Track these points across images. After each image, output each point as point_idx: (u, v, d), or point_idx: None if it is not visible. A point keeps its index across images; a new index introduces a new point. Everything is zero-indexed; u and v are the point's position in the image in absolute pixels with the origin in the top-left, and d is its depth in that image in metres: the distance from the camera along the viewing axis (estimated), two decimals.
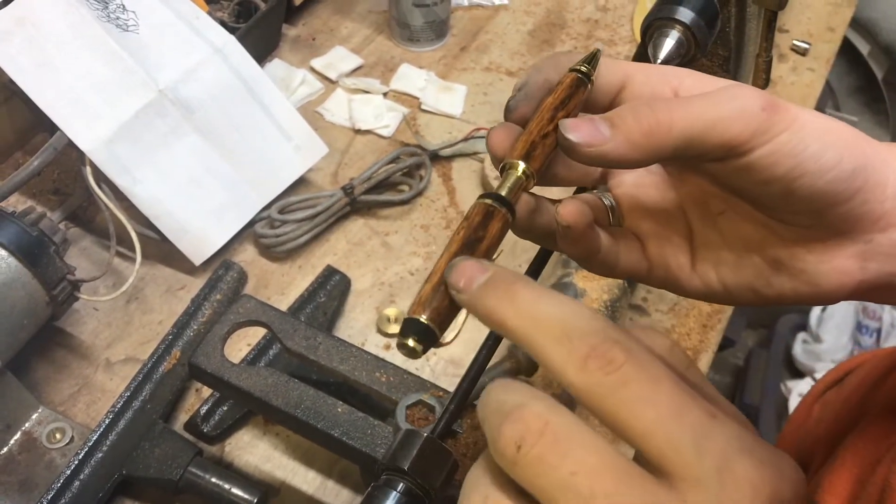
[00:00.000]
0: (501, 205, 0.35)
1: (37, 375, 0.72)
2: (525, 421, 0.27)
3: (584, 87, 0.39)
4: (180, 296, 0.78)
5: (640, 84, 0.39)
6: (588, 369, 0.27)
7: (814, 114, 0.36)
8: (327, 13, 1.09)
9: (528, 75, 0.40)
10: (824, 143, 0.35)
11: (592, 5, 1.12)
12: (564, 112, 0.37)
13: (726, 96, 0.35)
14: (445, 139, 0.93)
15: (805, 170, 0.35)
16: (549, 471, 0.27)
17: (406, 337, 0.32)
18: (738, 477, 0.26)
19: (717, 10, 0.58)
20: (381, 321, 0.77)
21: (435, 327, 0.32)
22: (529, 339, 0.29)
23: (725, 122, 0.34)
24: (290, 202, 0.82)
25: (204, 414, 0.68)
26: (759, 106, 0.34)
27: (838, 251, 0.38)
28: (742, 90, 0.35)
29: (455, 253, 0.34)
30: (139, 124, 0.76)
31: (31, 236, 0.65)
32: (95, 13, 0.77)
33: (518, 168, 0.37)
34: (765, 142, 0.34)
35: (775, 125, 0.34)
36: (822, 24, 1.11)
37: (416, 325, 0.32)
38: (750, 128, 0.34)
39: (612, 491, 0.26)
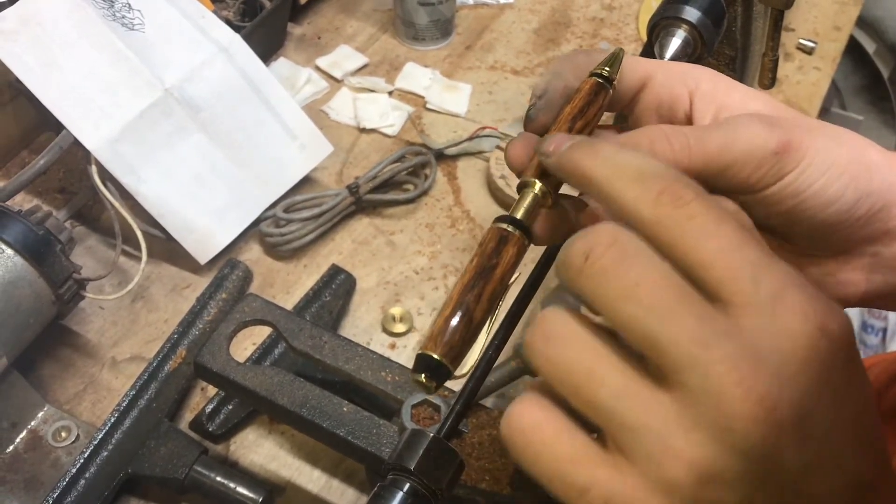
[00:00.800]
0: (516, 228, 0.34)
1: (42, 374, 0.72)
2: (595, 233, 0.29)
3: (605, 93, 0.38)
4: (186, 294, 0.78)
5: (660, 85, 0.40)
6: (660, 202, 0.28)
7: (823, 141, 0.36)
8: (332, 12, 1.09)
9: (546, 81, 0.39)
10: (828, 178, 0.36)
11: (598, 4, 1.12)
12: (584, 121, 0.37)
13: (743, 135, 0.35)
14: (450, 138, 0.93)
15: (808, 205, 0.36)
16: (613, 280, 0.28)
17: (419, 373, 0.32)
18: (790, 306, 0.27)
19: (723, 10, 0.58)
20: (386, 320, 0.77)
21: (448, 363, 0.32)
22: (610, 182, 0.30)
23: (739, 164, 0.35)
24: (295, 201, 0.82)
25: (209, 413, 0.68)
26: (773, 149, 0.35)
27: (844, 265, 0.39)
28: (758, 128, 0.35)
29: (468, 283, 0.33)
30: (144, 123, 0.76)
31: (38, 235, 0.65)
32: (101, 12, 0.77)
33: (535, 186, 0.36)
34: (773, 183, 0.35)
35: (785, 167, 0.35)
36: (829, 23, 1.10)
37: (429, 361, 0.32)
38: (760, 172, 0.35)
39: (673, 305, 0.27)
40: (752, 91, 0.40)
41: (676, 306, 0.27)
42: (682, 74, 0.40)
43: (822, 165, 0.35)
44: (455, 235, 0.85)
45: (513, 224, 0.34)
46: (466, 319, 0.32)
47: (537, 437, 0.29)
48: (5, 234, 0.64)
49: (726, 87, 0.39)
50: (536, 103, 0.39)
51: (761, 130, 0.35)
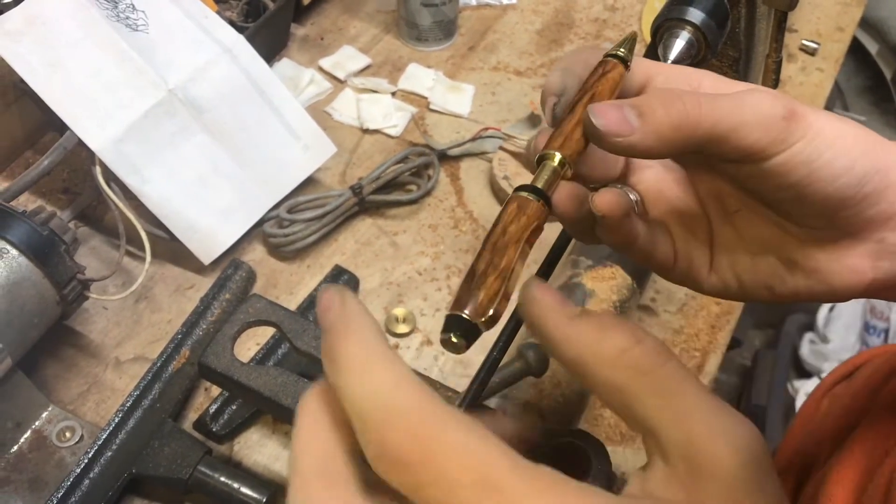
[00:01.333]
0: (537, 196, 0.35)
1: (46, 374, 0.72)
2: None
3: (618, 71, 0.39)
4: (189, 295, 0.79)
5: (662, 85, 0.40)
6: None
7: (828, 118, 0.36)
8: (336, 13, 1.09)
9: (560, 78, 0.39)
10: (837, 150, 0.35)
11: (601, 5, 1.12)
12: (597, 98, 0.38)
13: (751, 100, 0.35)
14: (454, 139, 0.93)
15: (817, 177, 0.35)
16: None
17: (448, 333, 0.32)
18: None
19: (727, 11, 0.58)
20: (389, 321, 0.77)
21: (479, 322, 0.32)
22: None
23: (747, 127, 0.35)
24: (298, 202, 0.82)
25: (213, 413, 0.68)
26: (781, 114, 0.35)
27: (850, 251, 0.39)
28: (765, 96, 0.36)
29: (492, 248, 0.34)
30: (148, 124, 0.76)
31: (42, 236, 0.65)
32: (105, 13, 0.77)
33: (554, 158, 0.36)
34: (781, 150, 0.35)
35: (793, 134, 0.35)
36: (832, 24, 1.10)
37: (459, 322, 0.32)
38: (769, 136, 0.35)
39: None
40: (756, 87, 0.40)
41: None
42: (685, 75, 0.40)
43: (830, 137, 0.36)
44: (458, 236, 0.85)
45: (533, 192, 0.35)
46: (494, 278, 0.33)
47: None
48: (10, 235, 0.64)
49: (728, 84, 0.39)
50: (559, 101, 0.39)
51: (769, 97, 0.35)
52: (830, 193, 0.36)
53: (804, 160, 0.35)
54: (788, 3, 0.63)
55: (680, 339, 0.77)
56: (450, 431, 0.25)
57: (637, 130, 0.35)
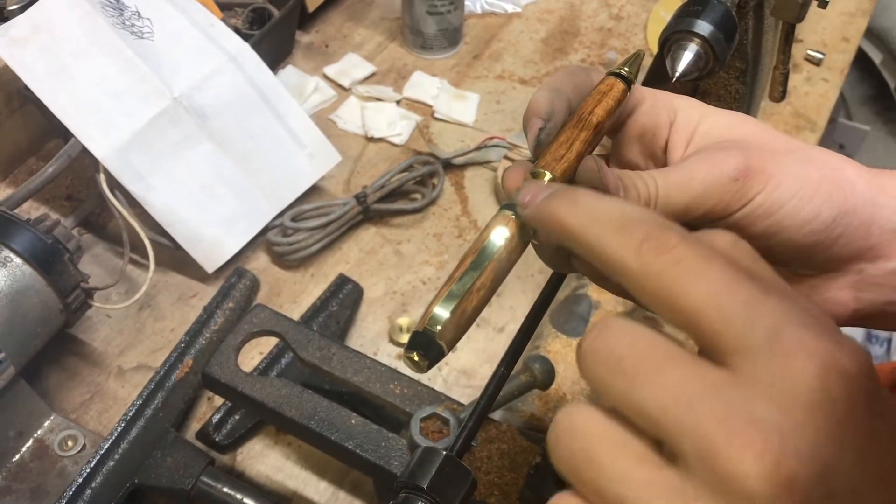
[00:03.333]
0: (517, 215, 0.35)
1: (49, 382, 0.72)
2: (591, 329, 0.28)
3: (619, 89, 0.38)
4: (192, 303, 0.78)
5: (645, 114, 0.41)
6: (643, 251, 0.27)
7: (790, 165, 0.37)
8: (340, 20, 1.09)
9: (548, 101, 0.38)
10: (801, 198, 0.36)
11: (606, 14, 1.12)
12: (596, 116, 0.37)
13: (700, 171, 0.36)
14: (458, 147, 0.93)
15: (783, 226, 0.36)
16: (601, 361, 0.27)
17: (411, 351, 0.32)
18: (789, 344, 0.24)
19: (735, 24, 0.58)
20: (393, 330, 0.77)
21: (444, 343, 0.32)
22: (588, 234, 0.29)
23: (701, 198, 0.36)
24: (302, 210, 0.82)
25: (216, 423, 0.68)
26: (732, 176, 0.36)
27: (831, 284, 0.39)
28: (715, 158, 0.36)
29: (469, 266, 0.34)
30: (153, 132, 0.76)
31: (46, 244, 0.65)
32: (111, 20, 0.77)
33: (544, 177, 0.36)
34: (739, 208, 0.36)
35: (750, 190, 0.36)
36: (837, 34, 1.10)
37: (422, 340, 0.32)
38: (724, 200, 0.36)
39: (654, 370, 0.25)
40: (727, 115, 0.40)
41: (658, 370, 0.25)
42: (666, 105, 0.40)
43: (791, 187, 0.36)
44: (462, 245, 0.84)
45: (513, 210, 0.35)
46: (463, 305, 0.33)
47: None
48: (14, 243, 0.63)
49: (700, 115, 0.40)
50: (544, 126, 0.38)
51: (718, 161, 0.36)
52: (800, 240, 0.37)
53: (764, 213, 0.36)
54: (796, 15, 0.62)
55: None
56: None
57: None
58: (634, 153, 0.42)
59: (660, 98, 0.41)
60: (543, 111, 0.38)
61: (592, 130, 0.36)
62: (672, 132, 0.40)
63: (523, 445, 0.56)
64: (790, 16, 0.63)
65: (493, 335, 0.77)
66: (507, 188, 0.37)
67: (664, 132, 0.40)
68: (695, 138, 0.39)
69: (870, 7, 1.14)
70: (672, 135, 0.40)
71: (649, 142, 0.41)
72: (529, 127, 0.38)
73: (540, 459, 0.55)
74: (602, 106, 0.37)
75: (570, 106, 0.39)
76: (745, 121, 0.40)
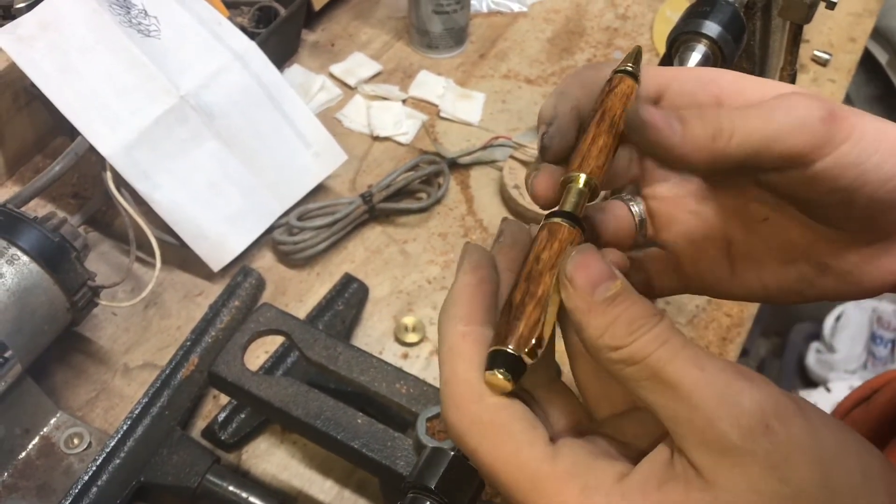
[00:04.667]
0: (567, 220, 0.33)
1: (55, 380, 0.72)
2: None
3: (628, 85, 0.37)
4: (198, 302, 0.78)
5: (677, 94, 0.38)
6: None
7: (869, 119, 0.35)
8: (346, 19, 1.09)
9: (553, 104, 0.37)
10: (883, 153, 0.34)
11: (612, 13, 1.12)
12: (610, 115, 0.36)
13: (784, 107, 0.34)
14: (464, 147, 0.93)
15: (866, 179, 0.34)
16: None
17: (493, 369, 0.30)
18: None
19: (743, 25, 0.58)
20: (398, 330, 0.77)
21: (524, 355, 0.31)
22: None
23: (785, 135, 0.34)
24: (308, 209, 0.82)
25: (222, 421, 0.68)
26: (819, 117, 0.34)
27: (883, 252, 0.38)
28: (799, 100, 0.34)
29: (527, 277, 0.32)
30: (160, 130, 0.76)
31: (53, 242, 0.65)
32: (117, 18, 0.77)
33: (579, 181, 0.35)
34: (826, 153, 0.34)
35: (836, 136, 0.34)
36: (844, 35, 1.10)
37: (503, 357, 0.31)
38: (811, 140, 0.34)
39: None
40: (781, 84, 0.38)
41: None
42: (701, 80, 0.38)
43: (874, 140, 0.34)
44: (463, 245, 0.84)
45: (563, 217, 0.34)
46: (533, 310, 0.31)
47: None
48: (21, 241, 0.64)
49: (753, 84, 0.38)
50: (548, 130, 0.37)
51: (804, 100, 0.34)
52: (880, 197, 0.35)
53: (852, 162, 0.34)
54: (804, 15, 0.62)
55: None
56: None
57: (677, 134, 0.34)
58: None
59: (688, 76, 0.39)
60: (548, 116, 0.37)
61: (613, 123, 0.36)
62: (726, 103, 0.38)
63: None
64: (798, 17, 0.63)
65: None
66: (537, 197, 0.36)
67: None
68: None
69: (876, 7, 1.14)
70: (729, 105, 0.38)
71: None
72: (538, 133, 0.37)
73: None
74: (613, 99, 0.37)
75: (576, 107, 0.38)
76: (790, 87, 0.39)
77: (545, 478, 0.29)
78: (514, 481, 0.30)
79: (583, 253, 0.31)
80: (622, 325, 0.30)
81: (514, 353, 0.30)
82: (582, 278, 0.31)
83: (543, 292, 0.31)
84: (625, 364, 0.30)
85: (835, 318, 1.69)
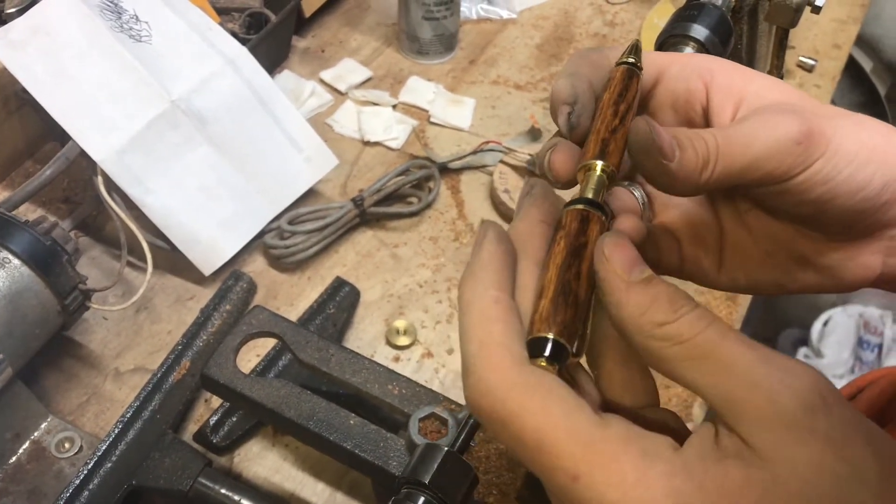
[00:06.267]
0: (595, 208, 0.34)
1: (46, 384, 0.72)
2: None
3: (637, 78, 0.38)
4: (189, 306, 0.78)
5: (674, 79, 0.39)
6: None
7: (847, 129, 0.36)
8: (336, 25, 1.09)
9: (570, 84, 0.37)
10: (856, 164, 0.35)
11: (600, 20, 1.13)
12: (625, 105, 0.36)
13: (763, 133, 0.35)
14: (454, 152, 0.93)
15: (837, 192, 0.35)
16: None
17: (536, 359, 0.30)
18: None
19: (731, 28, 0.58)
20: (390, 333, 0.77)
21: (565, 341, 0.30)
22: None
23: (763, 161, 0.35)
24: (299, 213, 0.83)
25: (213, 425, 0.68)
26: (795, 139, 0.34)
27: (863, 249, 0.39)
28: (777, 119, 0.35)
29: (562, 263, 0.32)
30: (152, 135, 0.76)
31: (45, 245, 0.65)
32: (109, 24, 0.77)
33: (596, 168, 0.35)
34: (800, 172, 0.35)
35: (811, 156, 0.35)
36: (828, 41, 1.11)
37: (544, 344, 0.30)
38: (786, 163, 0.35)
39: None
40: (771, 80, 0.39)
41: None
42: (697, 67, 0.39)
43: (848, 153, 0.35)
44: (458, 249, 0.85)
45: (590, 204, 0.34)
46: (573, 297, 0.31)
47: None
48: (12, 245, 0.64)
49: (743, 78, 0.38)
50: (573, 109, 0.37)
51: (781, 122, 0.35)
52: (851, 206, 0.36)
53: (822, 178, 0.35)
54: (790, 20, 0.63)
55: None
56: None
57: (676, 160, 0.34)
58: (669, 122, 0.41)
59: (687, 62, 0.40)
60: (568, 95, 0.37)
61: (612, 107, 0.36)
62: (712, 94, 0.39)
63: None
64: (784, 21, 0.64)
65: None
66: (556, 172, 0.36)
67: (700, 96, 0.39)
68: (746, 100, 0.38)
69: (860, 15, 1.16)
70: (713, 97, 0.39)
71: (683, 107, 0.40)
72: (559, 113, 0.37)
73: None
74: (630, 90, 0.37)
75: (591, 85, 0.38)
76: (790, 87, 0.39)
77: (600, 441, 0.28)
78: (564, 446, 0.28)
79: (617, 236, 0.32)
80: (664, 302, 0.30)
81: (559, 342, 0.30)
82: (619, 259, 0.31)
83: (584, 282, 0.31)
84: (670, 343, 0.29)
85: (822, 323, 1.70)
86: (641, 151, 0.34)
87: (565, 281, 0.31)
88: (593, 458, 0.28)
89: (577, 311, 0.31)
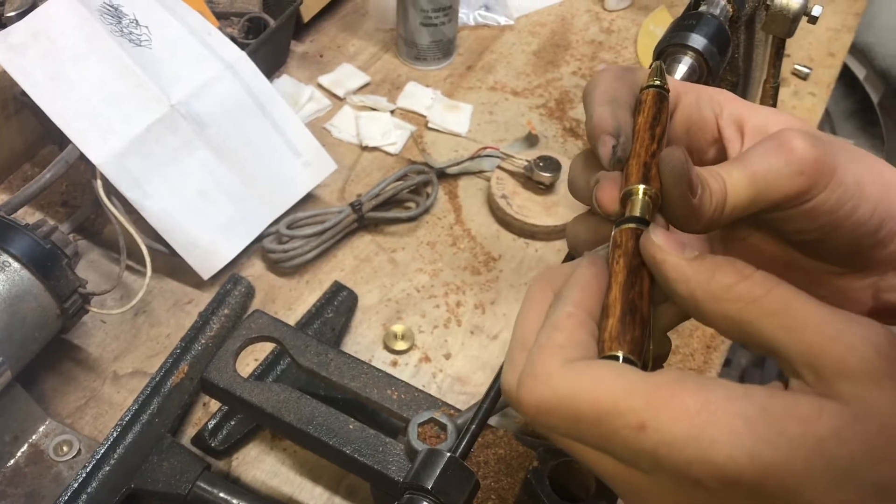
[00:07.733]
0: (646, 226, 0.34)
1: (44, 387, 0.72)
2: None
3: (667, 102, 0.38)
4: (188, 310, 0.79)
5: (689, 106, 0.40)
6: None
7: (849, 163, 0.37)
8: (335, 30, 1.09)
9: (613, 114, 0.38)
10: (858, 199, 0.36)
11: (597, 27, 1.13)
12: (661, 128, 0.37)
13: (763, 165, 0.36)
14: (452, 157, 0.94)
15: (839, 224, 0.36)
16: None
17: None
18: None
19: (728, 38, 0.59)
20: (387, 337, 0.77)
21: (635, 359, 0.31)
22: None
23: (769, 193, 0.35)
24: (298, 218, 0.83)
25: (212, 428, 0.68)
26: (798, 170, 0.35)
27: (854, 284, 0.40)
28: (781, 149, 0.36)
29: (624, 283, 0.33)
30: (151, 138, 0.76)
31: (44, 249, 0.65)
32: (109, 28, 0.77)
33: (639, 192, 0.35)
34: (804, 202, 0.36)
35: (815, 186, 0.36)
36: (823, 50, 1.12)
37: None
38: (790, 194, 0.35)
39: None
40: (774, 112, 0.40)
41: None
42: (708, 98, 0.40)
43: (851, 186, 0.36)
44: (456, 254, 0.85)
45: (640, 223, 0.34)
46: (639, 315, 0.32)
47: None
48: (12, 248, 0.64)
49: (749, 111, 0.40)
50: (618, 142, 0.37)
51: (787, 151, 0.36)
52: (850, 239, 0.37)
53: (827, 210, 0.36)
54: (787, 29, 0.64)
55: (675, 359, 0.78)
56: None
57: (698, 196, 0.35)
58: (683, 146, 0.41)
59: (699, 92, 0.41)
60: (611, 127, 0.37)
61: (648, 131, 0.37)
62: (722, 126, 0.40)
63: (519, 450, 0.57)
64: (781, 31, 0.64)
65: (487, 342, 0.78)
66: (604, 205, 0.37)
67: (711, 126, 0.40)
68: (748, 134, 0.39)
69: (854, 23, 1.17)
70: (724, 129, 0.40)
71: (696, 136, 0.41)
72: (601, 144, 0.37)
73: (536, 464, 0.56)
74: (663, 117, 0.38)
75: (631, 111, 0.39)
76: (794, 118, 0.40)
77: (656, 388, 0.28)
78: (624, 403, 0.29)
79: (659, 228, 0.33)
80: (728, 267, 0.31)
81: (630, 359, 0.31)
82: (672, 244, 0.32)
83: (646, 299, 0.32)
84: (744, 302, 0.30)
85: None
86: (675, 178, 0.34)
87: (630, 299, 0.32)
88: (654, 403, 0.28)
89: (644, 328, 0.32)
